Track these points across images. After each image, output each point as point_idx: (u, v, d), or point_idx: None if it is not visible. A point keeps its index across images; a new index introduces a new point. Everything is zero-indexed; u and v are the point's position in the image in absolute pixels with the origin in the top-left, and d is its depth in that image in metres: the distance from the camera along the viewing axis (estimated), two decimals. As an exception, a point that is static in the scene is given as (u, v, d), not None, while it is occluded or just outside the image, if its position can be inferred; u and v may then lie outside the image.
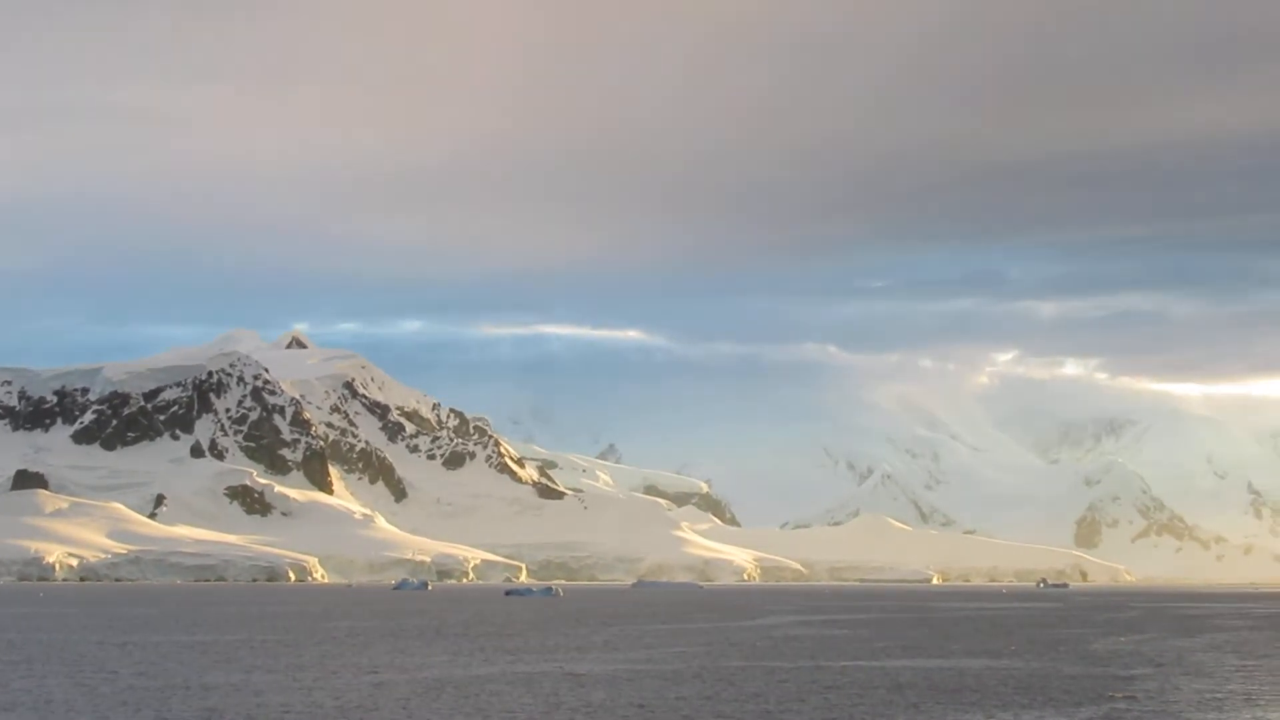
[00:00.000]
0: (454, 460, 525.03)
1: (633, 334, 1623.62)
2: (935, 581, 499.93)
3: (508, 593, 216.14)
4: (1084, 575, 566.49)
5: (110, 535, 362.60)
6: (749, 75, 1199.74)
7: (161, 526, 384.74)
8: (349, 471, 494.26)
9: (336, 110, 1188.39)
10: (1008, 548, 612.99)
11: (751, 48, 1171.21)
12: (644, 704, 38.24)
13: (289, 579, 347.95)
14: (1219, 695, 41.92)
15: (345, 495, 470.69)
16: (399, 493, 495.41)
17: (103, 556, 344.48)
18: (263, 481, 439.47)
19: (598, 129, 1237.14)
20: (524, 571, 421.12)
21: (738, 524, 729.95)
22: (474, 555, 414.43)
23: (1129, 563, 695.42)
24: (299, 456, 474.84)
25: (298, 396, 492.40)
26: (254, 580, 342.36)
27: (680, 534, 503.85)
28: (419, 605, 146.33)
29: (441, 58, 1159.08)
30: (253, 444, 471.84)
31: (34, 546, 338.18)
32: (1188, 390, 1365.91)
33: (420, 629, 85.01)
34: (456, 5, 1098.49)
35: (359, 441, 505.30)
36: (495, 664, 52.84)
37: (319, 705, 38.54)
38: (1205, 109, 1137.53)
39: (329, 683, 44.84)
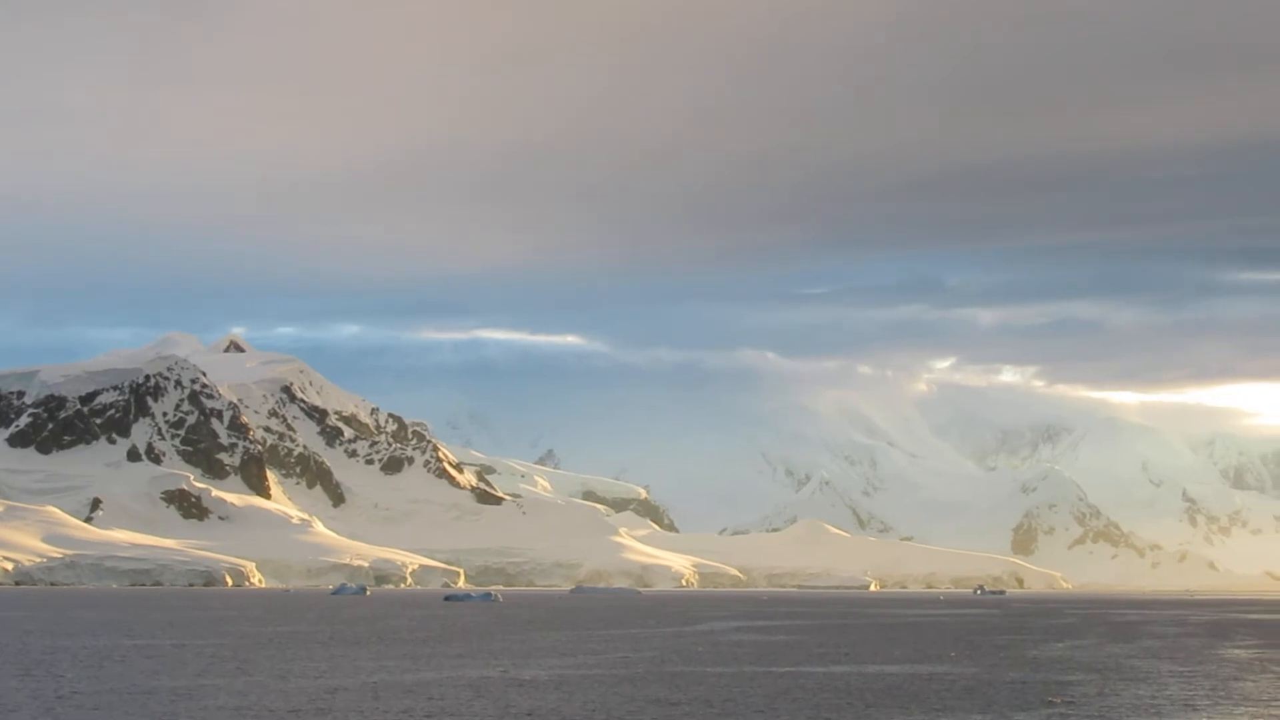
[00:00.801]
0: (392, 465, 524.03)
1: (571, 339, 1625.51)
2: (873, 588, 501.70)
3: (447, 598, 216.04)
4: (1020, 582, 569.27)
5: (46, 539, 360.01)
6: (692, 80, 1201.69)
7: (97, 530, 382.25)
8: (287, 476, 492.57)
9: (275, 114, 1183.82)
10: (945, 554, 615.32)
11: (696, 53, 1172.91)
12: (595, 708, 38.66)
13: (226, 583, 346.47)
14: (1157, 701, 42.56)
15: (283, 500, 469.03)
16: (337, 497, 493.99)
17: (38, 560, 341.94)
18: (200, 485, 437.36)
19: (539, 133, 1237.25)
20: (462, 577, 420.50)
21: (676, 530, 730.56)
22: (412, 560, 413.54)
23: (1065, 569, 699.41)
24: (237, 461, 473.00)
25: (235, 400, 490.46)
26: (190, 585, 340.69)
27: (618, 540, 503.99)
28: (359, 610, 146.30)
29: (380, 61, 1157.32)
30: (190, 448, 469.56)
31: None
32: (1124, 398, 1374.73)
33: (364, 634, 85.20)
34: (397, 11, 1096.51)
35: (297, 446, 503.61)
36: (443, 669, 53.14)
37: (272, 709, 38.81)
38: (1145, 119, 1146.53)
39: (279, 687, 45.10)
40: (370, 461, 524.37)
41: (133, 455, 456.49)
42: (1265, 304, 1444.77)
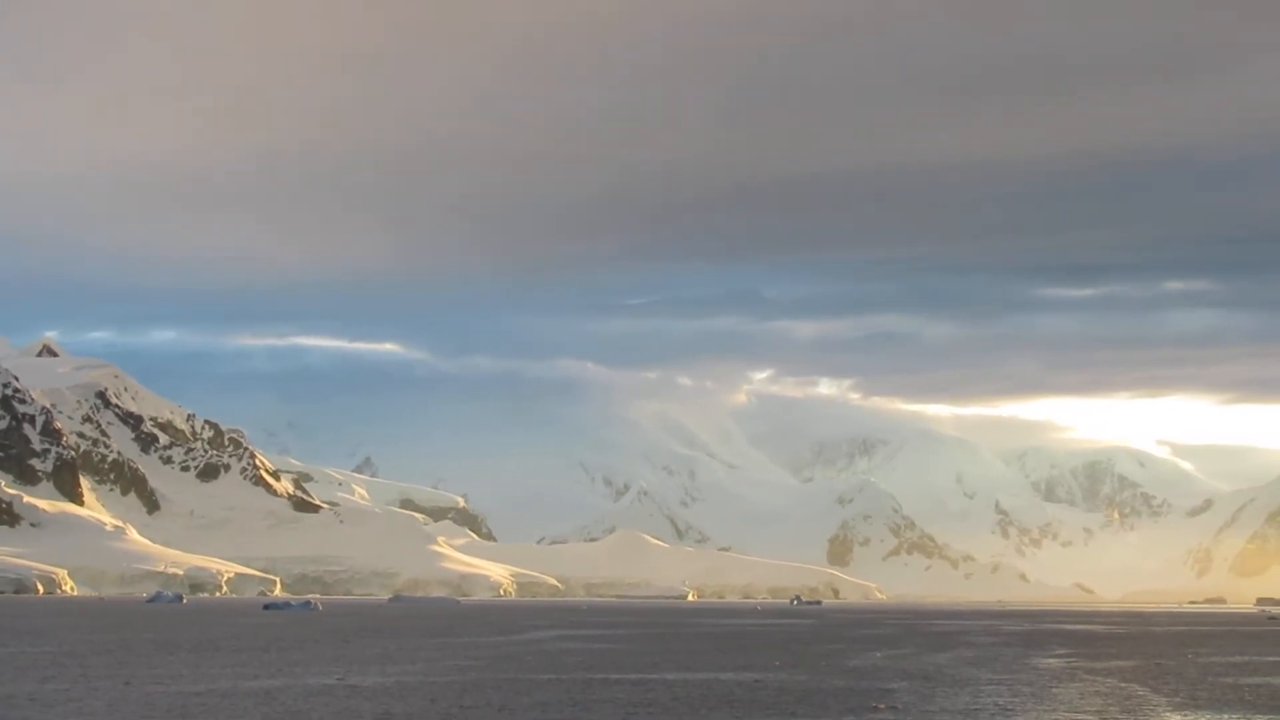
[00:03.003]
0: (208, 472, 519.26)
1: (390, 347, 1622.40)
2: (691, 598, 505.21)
3: (266, 606, 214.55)
4: (836, 593, 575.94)
5: None
6: (517, 90, 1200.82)
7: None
8: (100, 482, 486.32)
9: (90, 114, 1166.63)
10: (762, 565, 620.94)
11: (513, 62, 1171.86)
12: (447, 714, 39.64)
13: (38, 591, 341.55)
14: (975, 706, 44.22)
15: (96, 506, 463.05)
16: (151, 504, 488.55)
17: None
18: (11, 492, 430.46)
19: (358, 142, 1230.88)
20: (279, 585, 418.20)
21: (494, 539, 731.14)
22: (228, 568, 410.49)
23: (880, 580, 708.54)
24: (49, 467, 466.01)
25: (48, 405, 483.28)
26: (1, 592, 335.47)
27: (437, 549, 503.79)
28: (179, 618, 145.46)
29: (203, 65, 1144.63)
30: (1, 454, 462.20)
31: None
32: (938, 411, 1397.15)
33: (193, 641, 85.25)
34: (218, 14, 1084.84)
35: (111, 452, 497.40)
36: (284, 676, 53.77)
37: (131, 715, 39.31)
38: (959, 136, 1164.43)
39: (129, 693, 45.55)
40: (186, 468, 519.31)
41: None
42: (1076, 319, 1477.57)
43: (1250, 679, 57.84)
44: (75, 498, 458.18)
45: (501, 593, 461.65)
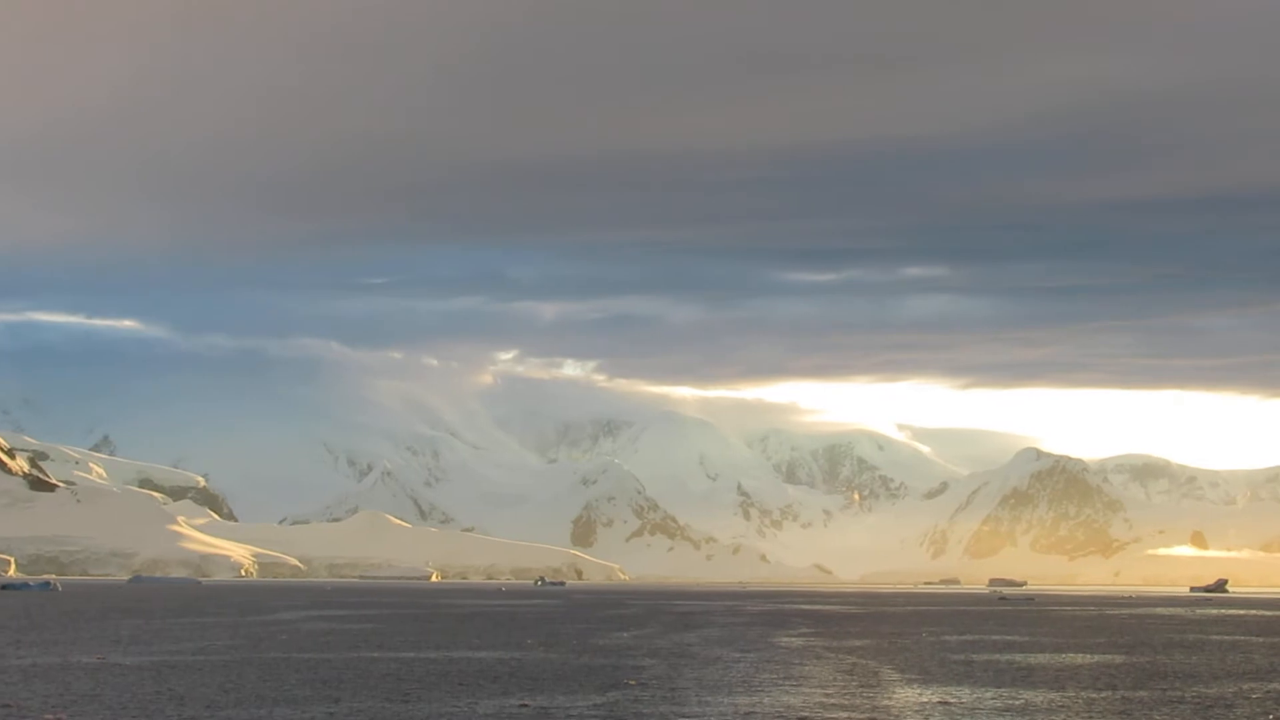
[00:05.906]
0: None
1: (129, 324, 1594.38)
2: (434, 579, 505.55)
3: (3, 586, 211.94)
4: (580, 574, 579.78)
5: None
6: (250, 64, 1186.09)
7: None
8: None
9: None
10: (506, 546, 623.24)
11: (254, 36, 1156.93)
12: (223, 691, 40.69)
13: None
14: (723, 680, 46.22)
15: None
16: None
17: None
18: None
19: (96, 111, 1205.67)
20: (13, 565, 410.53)
21: (235, 519, 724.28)
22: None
23: (623, 561, 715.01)
24: None
25: None
26: None
27: (176, 528, 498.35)
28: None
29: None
30: None
31: None
32: (683, 393, 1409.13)
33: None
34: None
35: None
36: (47, 654, 54.27)
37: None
38: (703, 120, 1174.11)
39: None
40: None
41: None
42: (817, 304, 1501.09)
43: (980, 656, 60.86)
44: None
45: (243, 573, 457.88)
